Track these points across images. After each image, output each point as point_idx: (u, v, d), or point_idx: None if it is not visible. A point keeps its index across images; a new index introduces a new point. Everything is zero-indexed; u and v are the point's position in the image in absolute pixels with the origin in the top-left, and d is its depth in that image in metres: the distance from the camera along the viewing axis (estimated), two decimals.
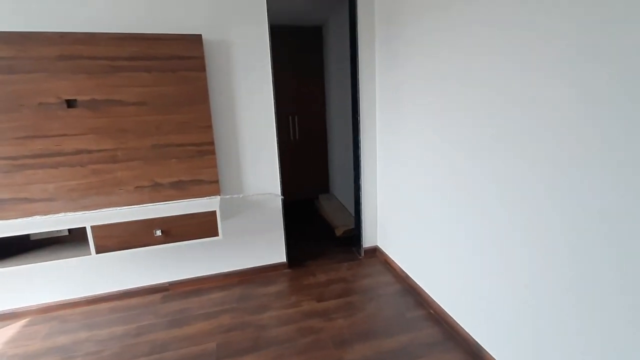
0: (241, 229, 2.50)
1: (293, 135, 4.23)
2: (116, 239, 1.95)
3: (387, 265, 2.67)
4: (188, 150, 2.20)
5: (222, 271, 2.53)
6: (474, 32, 1.52)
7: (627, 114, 0.97)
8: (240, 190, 2.44)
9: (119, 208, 2.12)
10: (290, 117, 4.18)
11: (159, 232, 1.98)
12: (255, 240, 2.56)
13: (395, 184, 2.46)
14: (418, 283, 2.25)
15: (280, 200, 2.54)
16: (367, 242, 2.86)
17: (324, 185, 4.55)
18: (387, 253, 2.72)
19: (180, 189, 2.23)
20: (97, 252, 1.93)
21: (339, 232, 3.23)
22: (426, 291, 2.16)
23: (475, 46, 1.52)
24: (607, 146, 1.03)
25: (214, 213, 2.06)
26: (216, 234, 2.09)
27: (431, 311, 2.08)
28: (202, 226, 2.07)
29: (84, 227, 1.90)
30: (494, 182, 1.50)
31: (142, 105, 2.07)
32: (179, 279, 2.46)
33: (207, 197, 2.27)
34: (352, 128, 2.75)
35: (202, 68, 2.12)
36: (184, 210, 2.06)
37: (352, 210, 3.57)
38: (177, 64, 2.08)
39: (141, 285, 2.39)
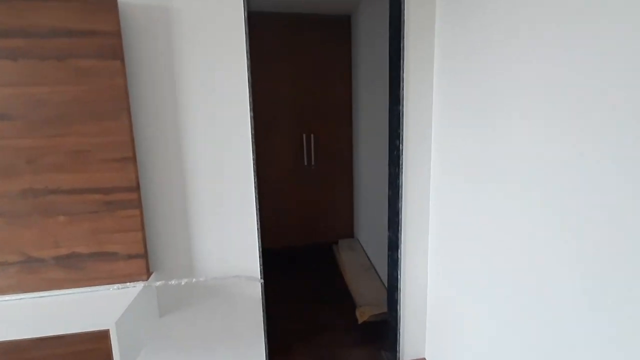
0: (189, 333, 1.46)
1: (308, 160, 3.19)
2: None
3: None
4: (90, 201, 1.23)
5: None
6: None
7: None
8: (190, 271, 1.41)
9: None
10: (304, 137, 3.15)
11: None
12: (215, 352, 1.50)
13: (464, 259, 1.32)
14: None
15: (260, 285, 1.48)
16: (407, 347, 1.72)
17: (347, 227, 3.44)
18: None
19: (75, 269, 1.25)
20: None
21: (362, 317, 2.11)
22: None
23: None
24: None
25: (105, 335, 1.04)
26: None
27: None
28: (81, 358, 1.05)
29: None
30: None
31: (1, 121, 1.14)
32: None
33: (122, 285, 1.27)
34: (388, 161, 1.67)
35: (116, 54, 1.17)
36: (64, 322, 1.07)
37: (383, 275, 2.44)
38: (68, 44, 1.14)
39: None
